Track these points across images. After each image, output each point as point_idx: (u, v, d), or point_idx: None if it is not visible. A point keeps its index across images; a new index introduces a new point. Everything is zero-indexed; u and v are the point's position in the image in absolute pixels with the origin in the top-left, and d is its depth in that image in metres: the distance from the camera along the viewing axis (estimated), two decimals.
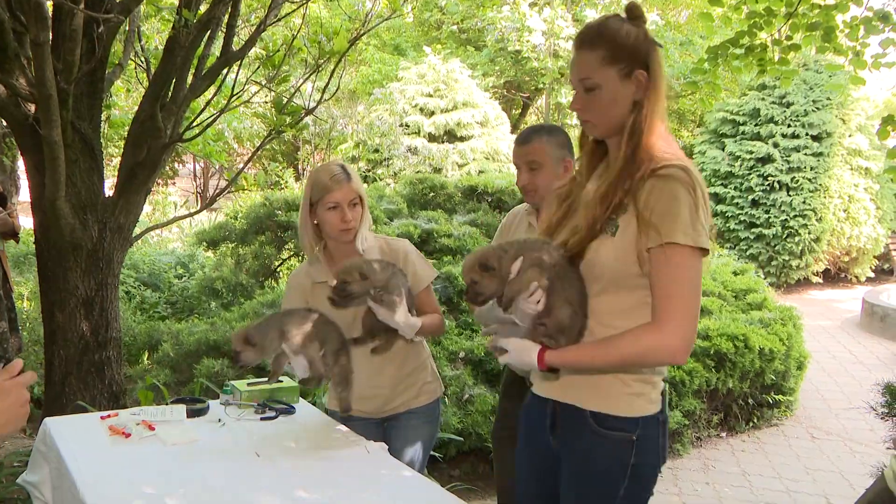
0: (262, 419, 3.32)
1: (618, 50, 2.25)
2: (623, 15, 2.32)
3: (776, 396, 7.05)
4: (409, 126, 16.10)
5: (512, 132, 17.89)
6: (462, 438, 5.00)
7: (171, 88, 4.96)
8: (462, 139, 16.01)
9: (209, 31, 5.01)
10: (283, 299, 3.40)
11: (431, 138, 15.98)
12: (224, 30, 5.10)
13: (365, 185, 3.55)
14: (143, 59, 5.84)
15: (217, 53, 5.09)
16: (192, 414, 3.29)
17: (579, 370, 2.34)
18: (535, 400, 2.54)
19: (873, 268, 16.16)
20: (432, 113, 16.20)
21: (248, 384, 3.55)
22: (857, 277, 15.78)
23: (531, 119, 26.00)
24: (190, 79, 5.11)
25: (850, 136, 15.10)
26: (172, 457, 2.88)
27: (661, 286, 2.15)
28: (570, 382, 2.39)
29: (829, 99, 14.68)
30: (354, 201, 3.16)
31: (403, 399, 3.35)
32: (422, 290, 3.29)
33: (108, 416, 3.24)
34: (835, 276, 16.00)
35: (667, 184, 2.15)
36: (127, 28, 5.41)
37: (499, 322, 2.46)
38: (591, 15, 20.06)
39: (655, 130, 2.25)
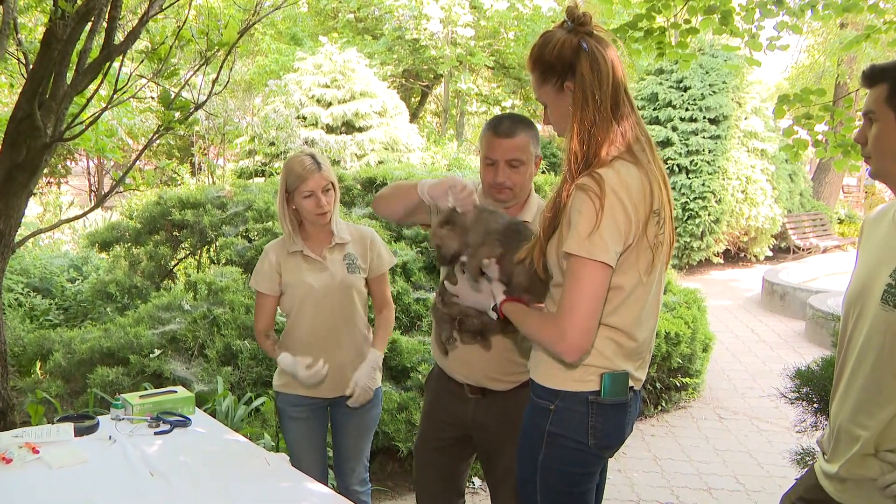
0: (155, 434, 3.15)
1: (546, 67, 2.35)
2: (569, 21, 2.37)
3: (683, 379, 7.10)
4: (305, 118, 15.76)
5: (411, 121, 17.76)
6: None
7: (51, 84, 4.68)
8: (360, 130, 15.76)
9: (90, 23, 4.73)
10: (255, 268, 3.57)
11: (329, 130, 15.67)
12: (107, 21, 4.82)
13: (261, 179, 3.55)
14: (22, 53, 5.50)
15: (100, 46, 4.81)
16: (80, 432, 3.09)
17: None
18: None
19: (771, 247, 16.56)
20: (329, 104, 15.87)
21: (141, 396, 3.37)
22: (756, 257, 16.15)
23: (430, 107, 25.96)
24: (71, 74, 4.83)
25: (745, 118, 15.43)
26: (59, 481, 2.69)
27: (563, 291, 2.23)
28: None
29: (724, 83, 14.95)
30: (327, 187, 3.41)
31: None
32: (380, 275, 3.58)
33: None
34: (735, 255, 16.36)
35: (576, 194, 2.22)
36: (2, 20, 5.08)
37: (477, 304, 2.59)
38: (489, 3, 20.10)
39: (590, 136, 2.27)
